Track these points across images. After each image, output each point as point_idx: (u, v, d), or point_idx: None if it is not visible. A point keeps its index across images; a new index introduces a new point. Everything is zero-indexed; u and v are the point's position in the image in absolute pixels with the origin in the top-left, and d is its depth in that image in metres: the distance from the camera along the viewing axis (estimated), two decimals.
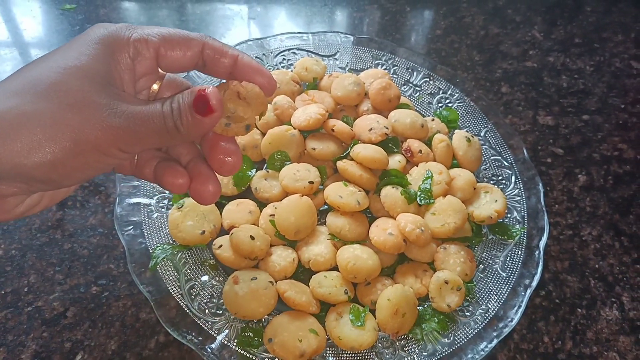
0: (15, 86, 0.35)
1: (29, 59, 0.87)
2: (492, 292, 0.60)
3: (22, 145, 0.33)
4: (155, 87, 0.44)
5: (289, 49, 0.83)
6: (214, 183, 0.43)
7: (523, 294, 0.59)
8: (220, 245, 0.58)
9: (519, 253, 0.63)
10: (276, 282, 0.56)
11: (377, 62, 0.84)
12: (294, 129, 0.68)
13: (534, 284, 0.60)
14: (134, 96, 0.40)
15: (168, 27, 0.42)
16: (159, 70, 0.43)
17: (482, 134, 0.76)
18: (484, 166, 0.73)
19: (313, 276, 0.58)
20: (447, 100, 0.80)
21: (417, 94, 0.82)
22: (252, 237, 0.57)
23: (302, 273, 0.60)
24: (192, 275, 0.58)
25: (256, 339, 0.54)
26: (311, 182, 0.63)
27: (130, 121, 0.36)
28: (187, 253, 0.59)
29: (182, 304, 0.55)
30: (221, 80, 0.43)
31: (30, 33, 0.92)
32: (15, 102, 0.34)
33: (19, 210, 0.39)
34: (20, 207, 0.39)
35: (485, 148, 0.75)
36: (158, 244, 0.58)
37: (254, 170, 0.67)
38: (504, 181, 0.71)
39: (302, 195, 0.62)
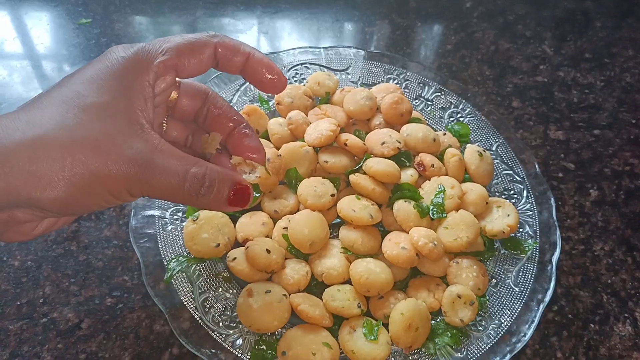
0: (35, 117, 0.35)
1: (41, 72, 0.89)
2: (504, 307, 0.60)
3: (39, 181, 0.33)
4: (174, 95, 0.45)
5: (301, 64, 0.83)
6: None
7: (536, 308, 0.59)
8: (235, 258, 0.59)
9: (532, 268, 0.63)
10: (290, 295, 0.57)
11: (388, 76, 0.85)
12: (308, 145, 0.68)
13: (547, 299, 0.60)
14: (153, 128, 0.40)
15: (181, 35, 0.42)
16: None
17: (493, 149, 0.76)
18: (495, 180, 0.73)
19: (326, 289, 0.58)
20: (459, 115, 0.81)
21: (429, 108, 0.82)
22: (268, 251, 0.57)
23: (315, 286, 0.60)
24: (206, 287, 0.58)
25: (270, 352, 0.54)
26: (333, 195, 0.64)
27: (147, 172, 0.36)
28: (201, 265, 0.60)
29: (196, 316, 0.55)
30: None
31: (44, 46, 0.94)
32: (37, 134, 0.34)
33: (37, 232, 0.41)
34: (39, 229, 0.41)
35: (497, 162, 0.75)
36: (173, 256, 0.59)
37: (259, 194, 0.67)
38: (515, 196, 0.72)
39: (329, 209, 0.63)
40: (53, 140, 0.34)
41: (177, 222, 0.63)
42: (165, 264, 0.58)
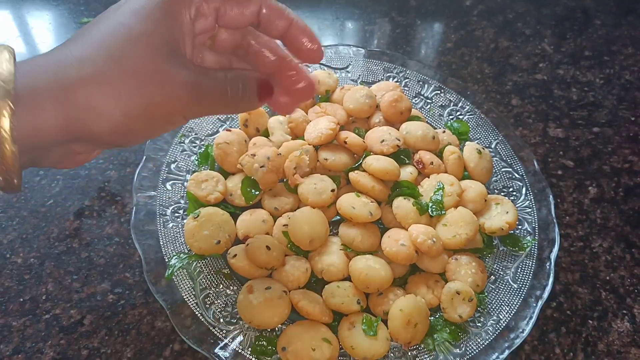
0: (86, 52, 0.36)
1: None
2: (503, 303, 0.61)
3: (98, 116, 0.35)
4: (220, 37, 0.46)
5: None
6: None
7: (534, 305, 0.60)
8: (235, 255, 0.59)
9: (530, 264, 0.64)
10: (290, 291, 0.57)
11: (388, 74, 0.85)
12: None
13: (545, 295, 0.60)
14: (193, 60, 0.42)
15: None
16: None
17: (492, 146, 0.77)
18: (494, 178, 0.74)
19: (326, 286, 0.59)
20: (458, 113, 0.81)
21: (428, 106, 0.83)
22: (268, 248, 0.58)
23: (315, 283, 0.61)
24: (207, 284, 0.59)
25: (270, 347, 0.54)
26: (333, 190, 0.64)
27: (196, 92, 0.38)
28: (202, 262, 0.60)
29: (197, 313, 0.55)
30: None
31: (46, 45, 0.94)
32: (91, 71, 0.35)
33: (88, 159, 0.46)
34: (90, 157, 0.45)
35: (496, 160, 0.75)
36: (174, 253, 0.59)
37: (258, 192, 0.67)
38: (514, 193, 0.72)
39: (329, 206, 0.63)
40: (106, 76, 0.35)
41: (178, 219, 0.64)
42: (167, 260, 0.59)
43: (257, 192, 0.66)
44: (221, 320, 0.56)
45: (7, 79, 0.33)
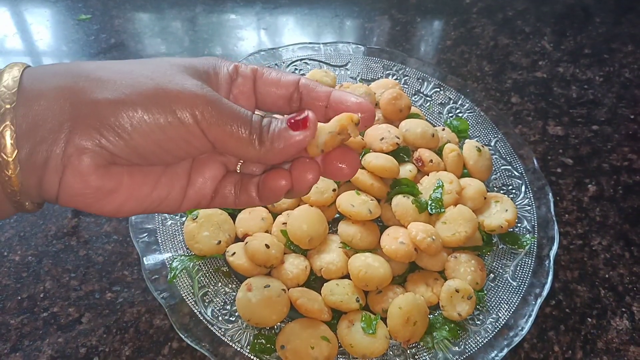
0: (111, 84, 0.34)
1: None
2: (502, 301, 0.60)
3: (102, 82, 0.33)
4: None
5: (300, 59, 0.84)
6: (313, 169, 0.40)
7: (533, 303, 0.59)
8: (234, 253, 0.59)
9: (529, 262, 0.64)
10: (289, 289, 0.57)
11: (387, 72, 0.85)
12: None
13: (545, 293, 0.60)
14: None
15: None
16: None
17: (492, 144, 0.77)
18: (494, 176, 0.74)
19: (325, 284, 0.58)
20: (458, 110, 0.81)
21: (428, 104, 0.82)
22: (267, 246, 0.57)
23: (314, 281, 0.61)
24: (206, 282, 0.58)
25: (269, 345, 0.54)
26: (334, 190, 0.64)
27: (216, 99, 0.35)
28: (201, 261, 0.60)
29: (195, 311, 0.55)
30: None
31: (44, 42, 0.94)
32: (102, 72, 0.34)
33: (93, 181, 0.34)
34: (95, 178, 0.34)
35: (496, 158, 0.75)
36: (175, 256, 0.59)
37: None
38: (514, 191, 0.72)
39: (330, 205, 0.63)
40: (121, 80, 0.34)
41: (176, 217, 0.63)
42: (168, 264, 0.58)
43: None
44: (220, 318, 0.56)
45: (11, 99, 0.31)
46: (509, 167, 0.74)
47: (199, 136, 0.35)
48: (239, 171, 0.43)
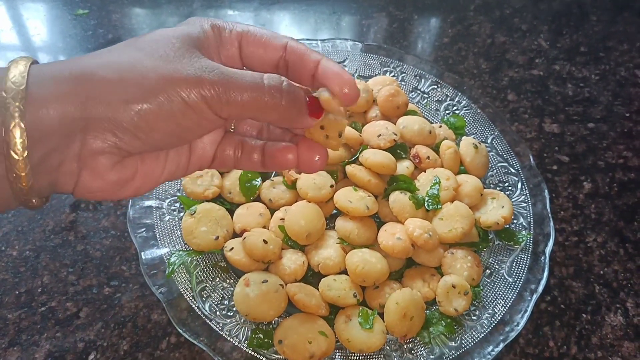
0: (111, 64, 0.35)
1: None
2: (498, 297, 0.61)
3: (105, 84, 0.33)
4: None
5: None
6: (320, 152, 0.41)
7: (529, 299, 0.60)
8: (232, 248, 0.59)
9: (525, 259, 0.64)
10: (286, 285, 0.57)
11: (385, 69, 0.85)
12: None
13: (540, 289, 0.61)
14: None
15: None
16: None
17: (488, 141, 0.77)
18: (490, 173, 0.74)
19: (322, 279, 0.59)
20: (455, 108, 0.81)
21: (425, 100, 0.83)
22: (265, 241, 0.58)
23: (312, 276, 0.61)
24: (204, 277, 0.59)
25: (266, 340, 0.54)
26: (332, 186, 0.65)
27: (222, 78, 0.34)
28: (199, 256, 0.60)
29: (193, 306, 0.56)
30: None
31: (41, 38, 0.94)
32: (106, 57, 0.35)
33: (111, 177, 0.35)
34: (113, 174, 0.35)
35: (492, 155, 0.76)
36: (173, 251, 0.59)
37: (259, 179, 0.67)
38: (510, 187, 0.72)
39: (328, 201, 0.63)
40: (127, 78, 0.33)
41: (174, 212, 0.64)
42: (166, 260, 0.58)
43: (256, 183, 0.66)
44: (218, 313, 0.56)
45: (20, 96, 0.31)
46: (506, 164, 0.75)
47: (212, 119, 0.35)
48: (232, 130, 0.45)
